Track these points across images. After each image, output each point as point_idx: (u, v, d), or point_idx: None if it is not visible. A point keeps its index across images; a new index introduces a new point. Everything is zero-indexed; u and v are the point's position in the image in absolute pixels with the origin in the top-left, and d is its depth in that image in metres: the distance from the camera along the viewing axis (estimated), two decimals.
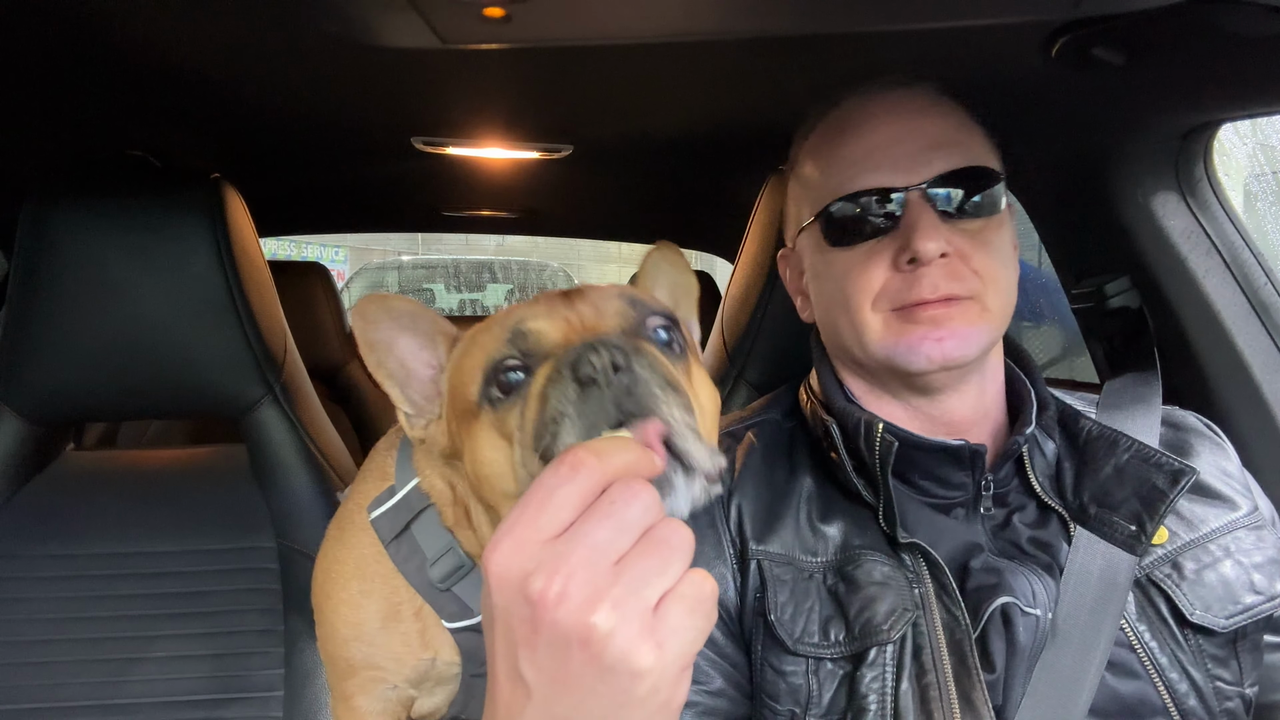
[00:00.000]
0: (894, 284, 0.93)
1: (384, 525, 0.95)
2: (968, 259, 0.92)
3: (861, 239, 0.95)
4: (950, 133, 0.95)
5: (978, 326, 0.93)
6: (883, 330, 0.95)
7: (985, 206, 0.94)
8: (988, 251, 0.93)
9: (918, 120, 0.95)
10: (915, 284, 0.91)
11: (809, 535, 0.96)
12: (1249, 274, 1.27)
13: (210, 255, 1.23)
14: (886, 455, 0.93)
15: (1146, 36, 0.93)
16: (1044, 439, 1.00)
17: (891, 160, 0.93)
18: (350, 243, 12.41)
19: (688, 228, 2.75)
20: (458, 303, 6.31)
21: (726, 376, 1.44)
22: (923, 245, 0.89)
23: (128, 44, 1.05)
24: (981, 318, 0.93)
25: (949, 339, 0.91)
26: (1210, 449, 1.02)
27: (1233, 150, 2.15)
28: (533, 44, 0.97)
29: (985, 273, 0.93)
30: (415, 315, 0.81)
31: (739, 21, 0.89)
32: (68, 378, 1.24)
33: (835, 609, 0.91)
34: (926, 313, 0.92)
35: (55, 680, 1.21)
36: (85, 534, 1.28)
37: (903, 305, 0.93)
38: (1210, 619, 0.89)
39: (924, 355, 0.92)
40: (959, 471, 0.95)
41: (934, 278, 0.91)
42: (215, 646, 1.25)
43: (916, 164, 0.93)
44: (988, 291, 0.93)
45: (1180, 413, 1.07)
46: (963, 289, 0.92)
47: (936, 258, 0.90)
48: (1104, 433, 0.97)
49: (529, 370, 0.70)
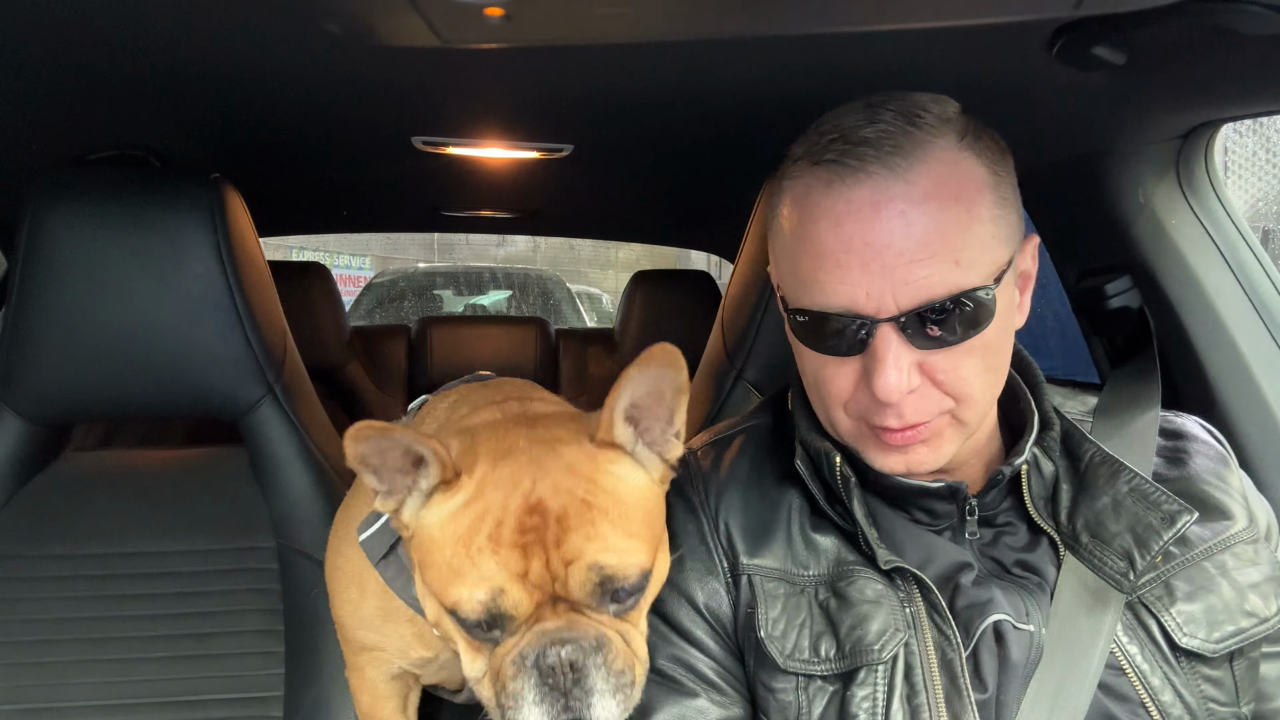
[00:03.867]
0: (862, 398, 0.88)
1: (372, 547, 0.98)
2: (941, 382, 0.85)
3: (827, 352, 0.89)
4: (939, 241, 0.81)
5: (947, 438, 0.89)
6: (852, 430, 0.92)
7: (971, 330, 0.84)
8: (965, 366, 0.85)
9: (903, 227, 0.81)
10: (879, 411, 0.87)
11: (801, 548, 0.95)
12: (1250, 273, 1.27)
13: (210, 255, 1.23)
14: (848, 488, 0.91)
15: (1146, 36, 0.93)
16: (1044, 459, 0.96)
17: (865, 280, 0.82)
18: (375, 251, 14.06)
19: (688, 228, 2.75)
20: (462, 306, 6.55)
21: (726, 376, 1.44)
22: (883, 387, 0.83)
23: (128, 44, 1.05)
24: (952, 429, 0.89)
25: (922, 450, 0.89)
26: (1209, 458, 0.99)
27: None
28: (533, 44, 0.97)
29: (959, 391, 0.86)
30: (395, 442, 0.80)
31: (739, 21, 0.89)
32: (68, 378, 1.24)
33: (826, 625, 0.90)
34: (891, 438, 0.88)
35: (55, 680, 1.21)
36: (85, 534, 1.28)
37: (872, 424, 0.89)
38: (1200, 644, 0.88)
39: (889, 465, 0.91)
40: (942, 504, 0.94)
41: (898, 409, 0.86)
42: (215, 646, 1.25)
43: (891, 288, 0.82)
44: (961, 407, 0.87)
45: (1181, 420, 1.04)
46: (931, 413, 0.87)
47: (901, 396, 0.84)
48: (1106, 460, 0.94)
49: (500, 629, 0.80)
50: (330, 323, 2.74)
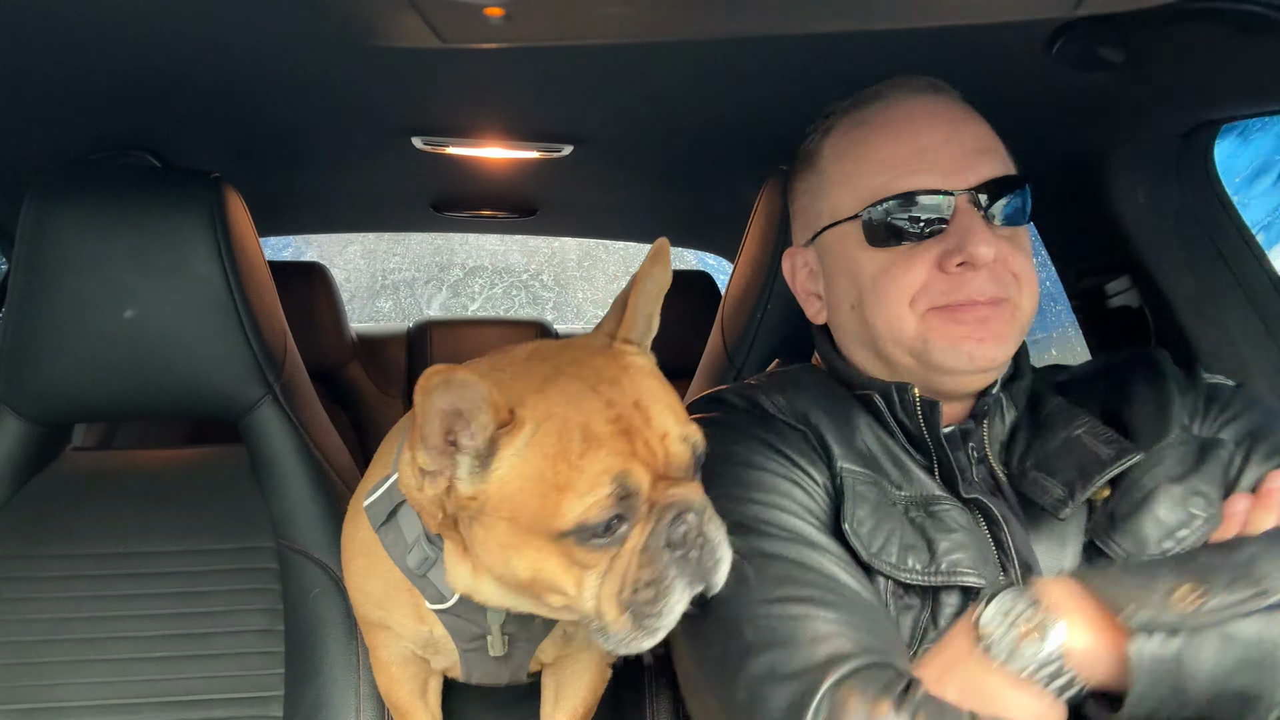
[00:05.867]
0: (938, 284, 0.94)
1: (375, 511, 0.99)
2: (1008, 263, 0.95)
3: (906, 240, 0.95)
4: (988, 139, 0.98)
5: (1013, 328, 0.96)
6: (919, 327, 0.95)
7: (1021, 213, 0.97)
8: (1023, 256, 0.97)
9: (960, 125, 0.97)
10: (964, 285, 0.93)
11: (891, 467, 0.96)
12: (1250, 273, 1.27)
13: (210, 255, 1.23)
14: (930, 414, 0.95)
15: (1146, 36, 0.93)
16: (1008, 406, 1.02)
17: (940, 163, 0.94)
18: None
19: (688, 228, 2.75)
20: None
21: (726, 376, 1.44)
22: (978, 250, 0.91)
23: (128, 44, 1.05)
24: (1015, 320, 0.96)
25: (989, 340, 0.93)
26: (1150, 379, 1.02)
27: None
28: (533, 43, 0.97)
29: (1022, 276, 0.96)
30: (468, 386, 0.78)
31: (739, 21, 0.89)
32: (68, 378, 1.24)
33: (918, 538, 0.90)
34: (973, 314, 0.93)
35: (55, 680, 1.21)
36: (85, 534, 1.28)
37: (946, 305, 0.94)
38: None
39: (965, 354, 0.94)
40: (959, 453, 0.98)
41: (982, 281, 0.93)
42: (215, 646, 1.25)
43: (963, 168, 0.94)
44: (1023, 295, 0.96)
45: (1129, 356, 1.08)
46: (1005, 292, 0.94)
47: (989, 262, 0.92)
48: (1065, 409, 1.00)
49: (627, 521, 0.79)
50: (330, 323, 2.73)
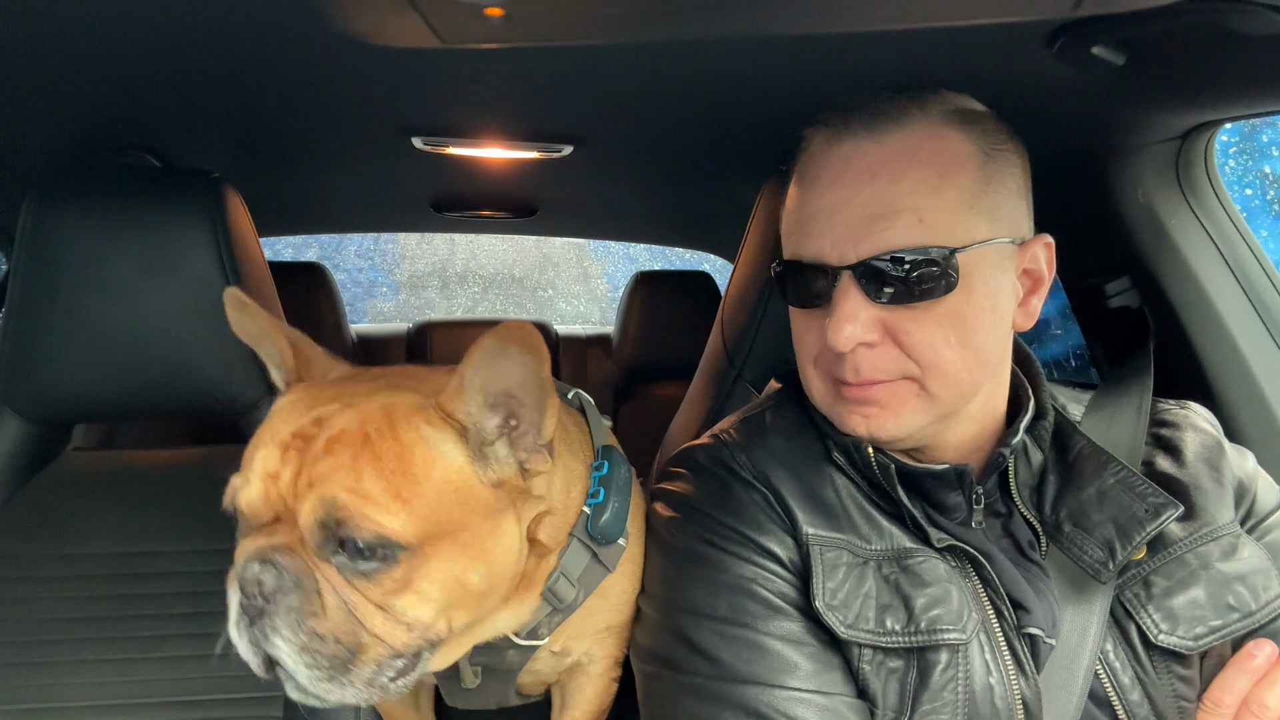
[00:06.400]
0: (827, 354, 0.91)
1: None
2: (904, 344, 0.87)
3: (800, 304, 0.94)
4: (904, 198, 0.85)
5: (912, 408, 0.89)
6: (822, 390, 0.95)
7: (929, 288, 0.85)
8: (931, 334, 0.86)
9: (867, 184, 0.86)
10: (839, 363, 0.89)
11: (862, 523, 0.92)
12: (1250, 273, 1.27)
13: (210, 255, 1.23)
14: (889, 475, 0.91)
15: (1146, 36, 0.93)
16: (1033, 448, 0.97)
17: (835, 229, 0.88)
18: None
19: (688, 228, 2.75)
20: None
21: (726, 376, 1.43)
22: (835, 336, 0.86)
23: (128, 43, 1.05)
24: (919, 400, 0.89)
25: (878, 417, 0.90)
26: (1204, 447, 0.98)
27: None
28: (533, 43, 0.97)
29: (924, 358, 0.87)
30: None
31: (738, 21, 0.89)
32: (68, 378, 1.24)
33: (894, 596, 0.87)
34: (856, 394, 0.90)
35: (55, 680, 1.21)
36: (85, 534, 1.28)
37: (834, 378, 0.92)
38: (1178, 642, 0.86)
39: (852, 428, 0.92)
40: (953, 494, 0.93)
41: (854, 362, 0.88)
42: (215, 646, 1.25)
43: (856, 238, 0.86)
44: (928, 376, 0.87)
45: (1181, 411, 1.03)
46: (890, 374, 0.88)
47: (852, 346, 0.86)
48: (1095, 452, 0.94)
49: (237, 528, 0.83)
50: (330, 323, 2.73)
